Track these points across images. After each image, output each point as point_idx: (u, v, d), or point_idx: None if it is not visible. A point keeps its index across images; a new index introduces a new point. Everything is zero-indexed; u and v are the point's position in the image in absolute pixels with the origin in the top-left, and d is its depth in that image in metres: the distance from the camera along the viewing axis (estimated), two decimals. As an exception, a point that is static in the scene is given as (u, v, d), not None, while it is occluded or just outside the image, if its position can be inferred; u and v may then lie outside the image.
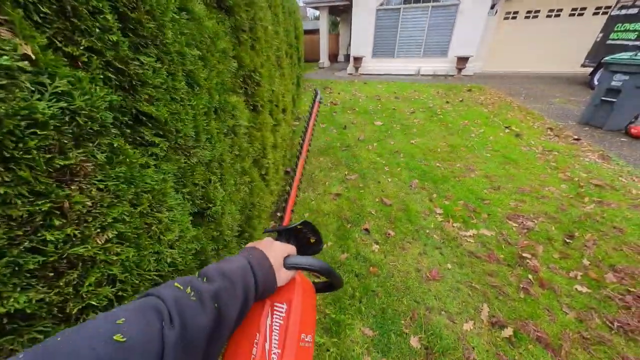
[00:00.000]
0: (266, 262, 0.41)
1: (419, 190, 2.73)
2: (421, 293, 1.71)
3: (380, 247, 2.07)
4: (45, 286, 0.36)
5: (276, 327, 0.41)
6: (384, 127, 4.38)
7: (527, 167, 3.05)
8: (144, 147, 0.56)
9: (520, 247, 1.99)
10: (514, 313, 1.56)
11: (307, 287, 0.48)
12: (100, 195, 0.43)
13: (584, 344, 1.39)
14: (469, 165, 3.15)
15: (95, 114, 0.42)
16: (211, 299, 0.32)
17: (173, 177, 0.64)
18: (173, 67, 0.63)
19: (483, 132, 4.05)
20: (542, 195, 2.56)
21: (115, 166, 0.46)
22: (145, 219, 0.54)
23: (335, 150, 3.64)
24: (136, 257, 0.50)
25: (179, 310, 0.29)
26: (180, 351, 0.27)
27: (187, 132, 0.69)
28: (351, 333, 1.50)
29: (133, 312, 0.27)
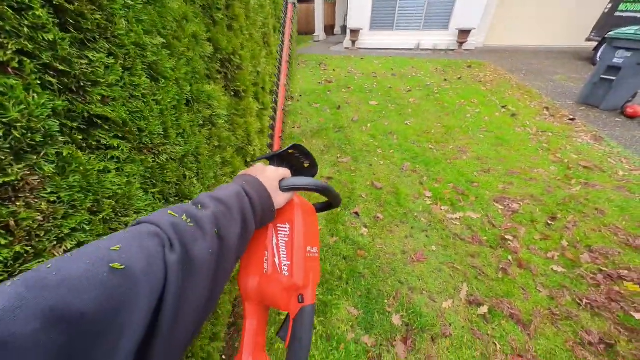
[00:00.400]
0: (260, 186, 0.40)
1: (410, 173, 2.74)
2: (405, 274, 1.79)
3: (369, 230, 2.12)
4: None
5: (282, 244, 0.43)
6: (378, 107, 4.27)
7: (519, 149, 3.05)
8: (102, 150, 0.54)
9: (503, 229, 2.05)
10: (491, 292, 1.65)
11: (307, 207, 0.48)
12: (52, 208, 0.42)
13: (552, 319, 1.50)
14: (462, 147, 3.14)
15: (36, 124, 0.40)
16: (210, 224, 0.30)
17: (140, 179, 0.63)
18: (130, 61, 0.59)
19: (479, 112, 3.98)
20: (530, 178, 2.59)
21: (68, 176, 0.45)
22: (110, 225, 0.54)
23: (329, 132, 3.58)
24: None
25: (178, 235, 0.27)
26: (184, 276, 0.26)
27: (153, 130, 0.66)
28: (337, 312, 1.59)
29: (129, 239, 0.25)
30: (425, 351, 1.40)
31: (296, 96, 4.82)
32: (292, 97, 4.77)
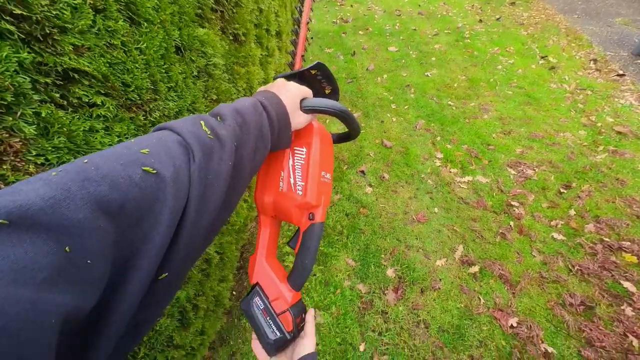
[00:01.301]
0: (280, 103, 0.39)
1: (423, 132, 2.60)
2: (404, 233, 1.86)
3: (373, 189, 2.14)
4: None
5: (298, 166, 0.45)
6: (398, 54, 3.82)
7: (549, 109, 2.76)
8: (86, 108, 0.51)
9: (511, 195, 2.01)
10: (485, 254, 1.72)
11: (325, 134, 0.49)
12: (41, 171, 0.42)
13: (540, 281, 1.57)
14: (485, 104, 2.87)
15: (2, 81, 0.36)
16: (229, 138, 0.31)
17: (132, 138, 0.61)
18: (101, 1, 0.51)
19: (512, 63, 3.50)
20: (553, 142, 2.41)
21: (52, 137, 0.44)
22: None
23: (341, 83, 3.31)
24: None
25: (201, 146, 0.28)
26: (204, 188, 0.27)
27: (140, 85, 0.61)
28: (336, 263, 1.72)
29: (156, 145, 0.25)
30: (414, 300, 1.54)
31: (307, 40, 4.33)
32: (302, 40, 4.29)
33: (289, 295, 0.44)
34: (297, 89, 0.42)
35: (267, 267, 0.47)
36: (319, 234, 0.45)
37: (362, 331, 1.45)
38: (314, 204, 0.44)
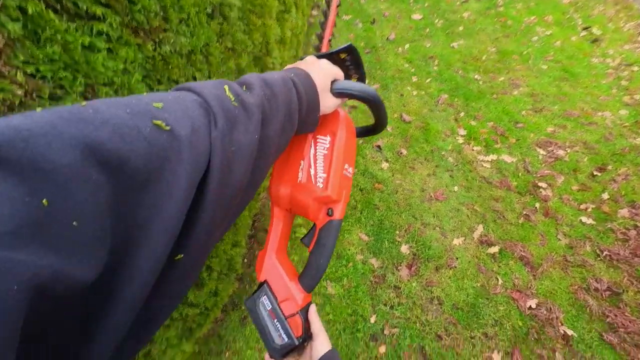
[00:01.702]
0: (310, 82, 0.35)
1: (446, 107, 2.43)
2: (421, 210, 1.78)
3: (390, 165, 2.04)
4: None
5: (320, 156, 0.42)
6: (422, 23, 3.51)
7: (588, 86, 2.52)
8: (84, 20, 0.42)
9: (538, 176, 1.88)
10: (506, 235, 1.64)
11: (350, 124, 0.45)
12: (33, 84, 0.35)
13: (564, 265, 1.50)
14: (516, 79, 2.64)
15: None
16: (256, 108, 0.27)
17: (141, 70, 0.53)
18: None
19: (550, 34, 3.17)
20: (590, 122, 2.21)
21: (44, 44, 0.36)
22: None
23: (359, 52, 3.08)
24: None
25: (224, 112, 0.24)
26: (228, 160, 0.23)
27: (146, 5, 0.52)
28: (349, 236, 1.68)
29: (172, 102, 0.22)
30: (428, 277, 1.50)
31: (323, 4, 4.01)
32: (318, 6, 3.99)
33: (299, 297, 0.40)
34: (329, 68, 0.39)
35: (277, 264, 0.43)
36: (336, 232, 0.41)
37: (373, 304, 1.43)
38: (334, 199, 0.41)
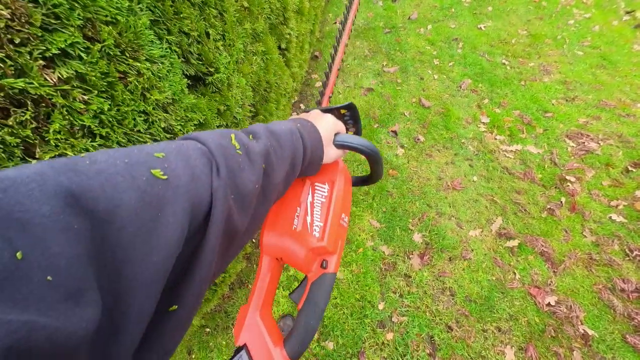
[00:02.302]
0: (316, 134, 0.37)
1: (469, 92, 2.28)
2: (436, 199, 1.70)
3: (405, 151, 1.95)
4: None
5: (317, 204, 0.41)
6: (447, 2, 3.27)
7: (628, 75, 2.31)
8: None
9: (566, 169, 1.76)
10: (527, 229, 1.55)
11: (347, 174, 0.46)
12: (21, 6, 0.29)
13: (588, 263, 1.41)
14: (547, 65, 2.44)
15: None
16: (260, 157, 0.28)
17: (148, 13, 0.47)
18: None
19: (589, 17, 2.90)
20: (627, 113, 2.03)
21: (35, -39, 0.30)
22: (116, 65, 0.42)
23: (377, 33, 2.92)
24: (115, 112, 0.42)
25: (226, 160, 0.25)
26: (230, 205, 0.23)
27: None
28: (360, 222, 1.63)
29: (174, 151, 0.22)
30: (440, 267, 1.45)
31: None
32: (336, -19, 3.77)
33: None
34: (334, 122, 0.41)
35: (260, 324, 0.37)
36: (330, 288, 0.38)
37: (382, 291, 1.40)
38: (330, 250, 0.39)
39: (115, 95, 0.41)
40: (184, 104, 0.58)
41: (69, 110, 0.36)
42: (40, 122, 0.33)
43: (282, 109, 1.37)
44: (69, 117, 0.35)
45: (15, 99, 0.31)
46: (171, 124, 0.54)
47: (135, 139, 0.46)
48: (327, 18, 3.16)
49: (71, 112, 0.36)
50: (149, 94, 0.48)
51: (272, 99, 1.19)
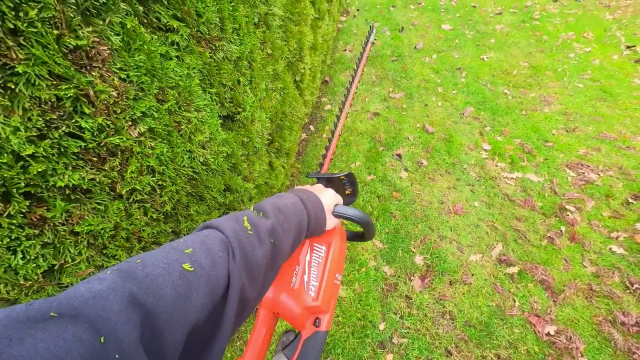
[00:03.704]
0: (319, 206, 0.42)
1: (471, 120, 2.39)
2: (438, 223, 1.76)
3: (409, 174, 2.04)
4: (93, 168, 0.40)
5: (315, 264, 0.45)
6: (451, 34, 3.47)
7: (628, 108, 2.38)
8: (162, 32, 0.49)
9: (566, 199, 1.81)
10: (527, 256, 1.59)
11: (343, 232, 0.50)
12: (124, 86, 0.41)
13: (588, 294, 1.43)
14: (548, 96, 2.54)
15: (96, -20, 0.35)
16: (267, 234, 0.33)
17: (199, 74, 0.59)
18: None
19: (589, 51, 3.03)
20: (627, 146, 2.09)
21: (133, 53, 0.42)
22: (174, 117, 0.54)
23: (384, 60, 3.11)
24: (170, 153, 0.53)
25: (240, 243, 0.31)
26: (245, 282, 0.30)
27: (210, 18, 0.58)
28: (362, 242, 1.70)
29: (199, 244, 0.29)
30: (441, 291, 1.49)
31: (352, 10, 4.07)
32: (348, 12, 4.05)
33: None
34: (334, 196, 0.46)
35: None
36: (322, 345, 0.41)
37: (383, 312, 1.44)
38: (323, 309, 0.42)
39: (171, 140, 0.52)
40: (217, 140, 0.69)
41: (142, 155, 0.47)
42: (122, 166, 0.44)
43: (294, 134, 1.49)
44: (141, 160, 0.47)
45: (111, 150, 0.42)
46: (207, 158, 0.66)
47: (182, 172, 0.58)
48: (338, 45, 3.38)
49: (142, 157, 0.47)
50: (194, 136, 0.59)
51: (286, 126, 1.31)
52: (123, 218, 0.46)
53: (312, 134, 2.37)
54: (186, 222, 0.64)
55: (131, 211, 0.48)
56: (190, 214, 0.65)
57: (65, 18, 0.32)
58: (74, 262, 0.40)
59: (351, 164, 2.12)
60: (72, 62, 0.34)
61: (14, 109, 0.30)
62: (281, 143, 1.27)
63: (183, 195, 0.60)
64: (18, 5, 0.28)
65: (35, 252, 0.35)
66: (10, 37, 0.28)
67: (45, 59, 0.31)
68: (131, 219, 0.48)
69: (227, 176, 0.78)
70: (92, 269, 0.42)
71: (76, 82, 0.35)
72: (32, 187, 0.33)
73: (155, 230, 0.53)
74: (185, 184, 0.60)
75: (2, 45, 0.28)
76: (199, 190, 0.66)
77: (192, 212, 0.65)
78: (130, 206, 0.48)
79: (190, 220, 0.65)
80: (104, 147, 0.40)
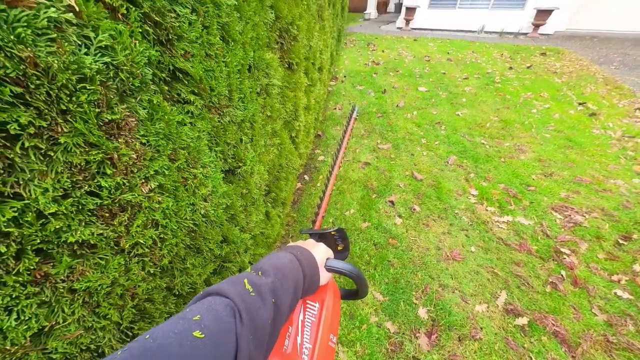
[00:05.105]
0: (313, 262, 0.42)
1: (456, 167, 2.55)
2: (438, 270, 1.72)
3: (403, 221, 2.06)
4: (103, 224, 0.42)
5: (308, 324, 0.43)
6: (428, 94, 3.96)
7: (594, 154, 2.62)
8: (180, 104, 0.58)
9: (559, 242, 1.83)
10: (534, 305, 1.52)
11: (336, 289, 0.49)
12: (143, 149, 0.47)
13: (606, 347, 1.33)
14: (521, 145, 2.80)
15: (136, 69, 0.43)
16: (270, 293, 0.34)
17: (207, 136, 0.67)
18: (208, 20, 0.61)
19: (548, 108, 3.46)
20: (603, 189, 2.23)
21: (155, 122, 0.49)
22: (182, 174, 0.59)
23: (371, 116, 3.45)
24: (175, 207, 0.56)
25: (245, 305, 0.31)
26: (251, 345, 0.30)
27: (220, 91, 0.69)
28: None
29: (206, 311, 0.29)
30: (450, 349, 1.36)
31: (340, 77, 4.69)
32: (336, 78, 4.65)
33: None
34: (325, 251, 0.47)
35: None
36: None
37: (390, 378, 1.28)
38: None
39: (177, 194, 0.56)
40: (219, 193, 0.73)
41: (149, 209, 0.50)
42: (129, 220, 0.47)
43: (290, 184, 1.55)
44: (147, 214, 0.49)
45: (122, 206, 0.45)
46: (207, 210, 0.69)
47: (183, 225, 0.60)
48: (329, 105, 3.77)
49: (149, 211, 0.50)
50: (198, 190, 0.63)
51: (282, 177, 1.38)
52: (121, 273, 0.46)
53: (306, 183, 2.45)
54: (181, 276, 0.62)
55: (130, 266, 0.48)
56: (186, 268, 0.64)
57: (106, 99, 0.39)
58: (64, 323, 0.39)
59: (345, 212, 2.15)
60: (105, 132, 0.40)
61: (47, 172, 0.34)
62: (277, 193, 1.32)
63: (182, 247, 0.61)
64: (73, 92, 0.35)
65: (31, 311, 0.34)
66: (61, 116, 0.34)
67: (84, 131, 0.36)
68: (129, 274, 0.48)
69: (225, 227, 0.80)
70: (81, 331, 0.40)
71: (105, 148, 0.40)
72: (45, 244, 0.35)
73: (150, 285, 0.52)
74: (185, 236, 0.61)
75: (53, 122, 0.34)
76: (197, 242, 0.67)
77: (188, 266, 0.64)
78: (130, 260, 0.48)
79: (186, 274, 0.63)
80: (117, 204, 0.44)
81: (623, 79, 4.23)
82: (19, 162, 0.31)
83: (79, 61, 0.35)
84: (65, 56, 0.33)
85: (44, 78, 0.31)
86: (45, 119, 0.33)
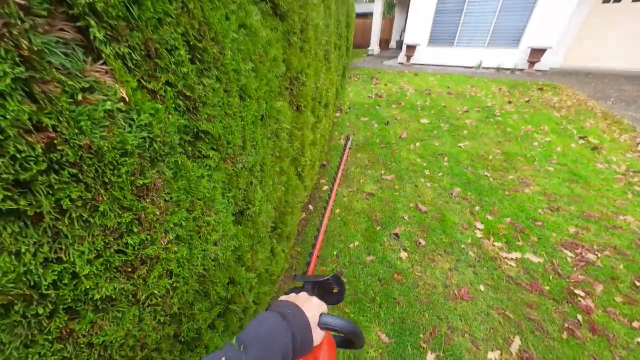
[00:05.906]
0: (305, 323, 0.41)
1: (460, 200, 2.55)
2: (445, 310, 1.65)
3: (408, 255, 2.03)
4: (124, 278, 0.46)
5: None
6: (429, 126, 4.10)
7: (600, 189, 2.60)
8: (200, 159, 0.64)
9: (572, 282, 1.76)
10: (551, 353, 1.42)
11: (331, 342, 0.47)
12: (166, 206, 0.52)
13: (635, 406, 1.22)
14: (525, 178, 2.81)
15: (167, 137, 0.50)
16: None
17: (221, 184, 0.73)
18: (229, 85, 0.70)
19: (549, 141, 3.53)
20: (613, 225, 2.18)
21: (178, 180, 0.55)
22: (197, 222, 0.63)
23: (374, 147, 3.56)
24: (188, 255, 0.59)
25: None
26: None
27: (235, 143, 0.76)
28: (367, 335, 1.54)
29: None
30: (463, 402, 1.26)
31: (345, 108, 4.92)
32: (341, 109, 4.88)
33: None
34: (319, 305, 0.46)
35: None
36: None
37: None
38: None
39: (192, 243, 0.60)
40: (228, 236, 0.77)
41: (165, 260, 0.53)
42: (147, 272, 0.50)
43: (295, 217, 1.58)
44: (164, 265, 0.53)
45: (142, 259, 0.49)
46: (217, 254, 0.72)
47: (194, 271, 0.63)
48: (333, 135, 3.92)
49: (166, 262, 0.53)
50: (210, 236, 0.67)
51: (288, 212, 1.42)
52: (135, 324, 0.48)
53: (310, 213, 2.47)
54: (188, 322, 0.63)
55: (143, 316, 0.50)
56: (194, 313, 0.65)
57: (141, 167, 0.45)
58: (79, 378, 0.40)
59: (350, 244, 2.14)
60: (135, 194, 0.45)
61: (85, 236, 0.38)
62: (283, 229, 1.34)
63: (191, 294, 0.63)
64: (115, 166, 0.41)
65: (53, 368, 0.37)
66: (102, 187, 0.40)
67: (120, 197, 0.42)
68: (141, 324, 0.50)
69: (232, 269, 0.82)
70: (93, 386, 0.42)
71: (134, 210, 0.45)
72: (74, 302, 0.38)
73: (159, 335, 0.54)
74: (195, 282, 0.64)
75: (96, 193, 0.39)
76: (205, 287, 0.69)
77: (195, 311, 0.65)
78: (143, 310, 0.51)
79: (192, 319, 0.65)
80: (139, 258, 0.47)
81: (621, 113, 4.33)
82: (65, 230, 0.36)
83: (123, 139, 0.41)
84: (113, 138, 0.40)
85: (95, 159, 0.37)
86: (90, 192, 0.38)
